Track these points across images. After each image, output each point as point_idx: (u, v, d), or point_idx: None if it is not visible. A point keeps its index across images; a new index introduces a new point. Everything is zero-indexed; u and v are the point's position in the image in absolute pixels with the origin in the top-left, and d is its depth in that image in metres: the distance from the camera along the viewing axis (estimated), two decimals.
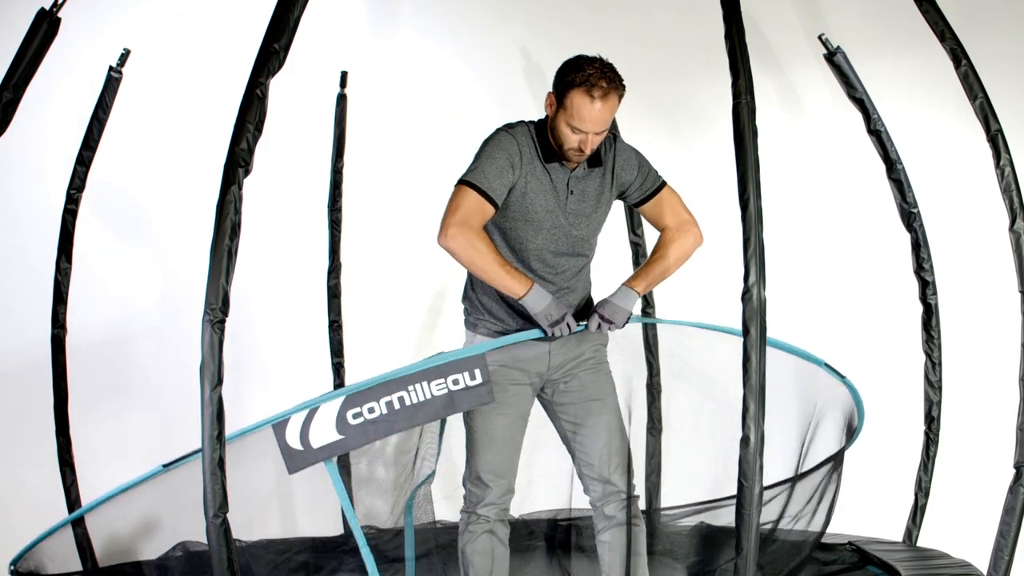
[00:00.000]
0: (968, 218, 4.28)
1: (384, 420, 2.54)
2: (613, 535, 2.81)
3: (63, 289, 3.47)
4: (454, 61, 4.45)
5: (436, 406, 2.58)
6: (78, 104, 3.69)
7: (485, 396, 2.61)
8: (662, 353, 3.62)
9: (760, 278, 2.20)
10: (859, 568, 3.37)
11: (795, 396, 3.16)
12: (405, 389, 2.54)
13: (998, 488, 2.96)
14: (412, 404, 2.55)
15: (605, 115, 2.52)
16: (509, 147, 2.60)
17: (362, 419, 2.52)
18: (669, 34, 4.48)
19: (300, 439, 2.49)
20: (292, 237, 4.41)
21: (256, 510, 3.27)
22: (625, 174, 2.75)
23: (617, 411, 2.85)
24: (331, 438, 2.51)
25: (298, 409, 2.50)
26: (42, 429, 3.63)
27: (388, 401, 2.54)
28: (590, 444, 2.81)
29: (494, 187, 2.55)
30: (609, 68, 2.54)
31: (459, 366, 2.58)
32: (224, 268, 2.19)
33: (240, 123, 2.23)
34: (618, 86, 2.54)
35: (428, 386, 2.57)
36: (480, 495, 2.80)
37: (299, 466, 2.51)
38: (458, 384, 2.58)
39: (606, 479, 2.80)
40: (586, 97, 2.50)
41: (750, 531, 2.23)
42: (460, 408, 2.61)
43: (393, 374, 2.55)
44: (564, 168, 2.66)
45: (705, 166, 4.16)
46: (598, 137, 2.57)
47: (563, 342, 2.77)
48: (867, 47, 4.13)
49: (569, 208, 2.68)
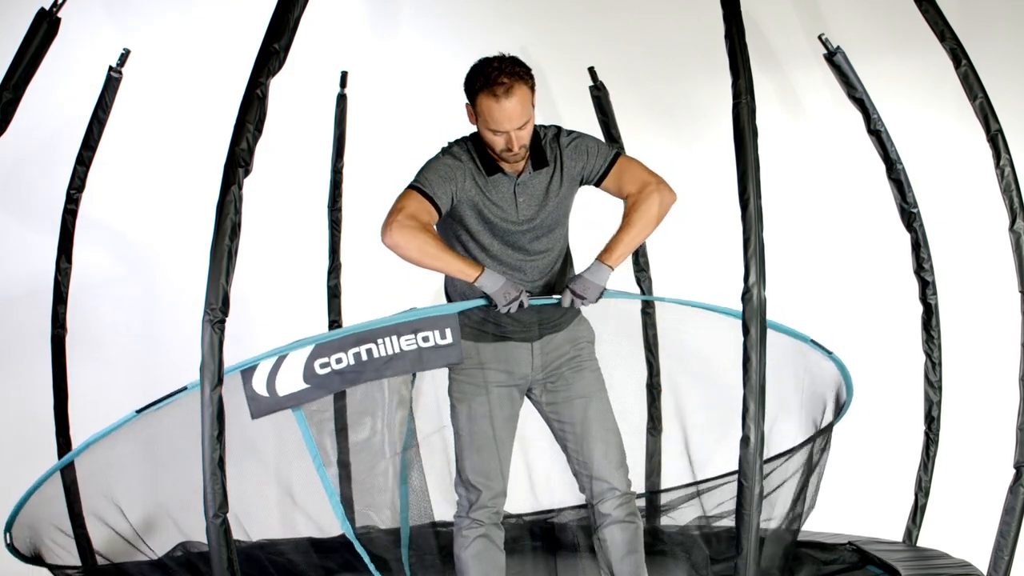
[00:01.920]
0: (968, 218, 4.28)
1: (351, 371, 2.52)
2: (610, 533, 2.81)
3: (63, 289, 3.47)
4: (454, 61, 4.43)
5: (404, 361, 2.55)
6: (78, 104, 3.69)
7: (454, 356, 2.58)
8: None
9: (760, 278, 2.20)
10: (859, 568, 3.37)
11: (790, 374, 3.16)
12: (374, 342, 2.52)
13: (998, 488, 2.96)
14: (380, 357, 2.53)
15: (517, 109, 2.52)
16: (450, 162, 2.64)
17: (329, 369, 2.50)
18: (669, 34, 4.48)
19: (266, 386, 2.49)
20: (292, 237, 4.41)
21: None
22: (573, 163, 2.72)
23: (608, 408, 2.84)
24: (297, 387, 2.50)
25: (266, 356, 2.48)
26: (42, 429, 3.63)
27: (356, 352, 2.51)
28: (582, 443, 2.80)
29: (437, 192, 2.58)
30: (510, 62, 2.55)
31: (430, 323, 2.56)
32: (224, 268, 2.19)
33: (240, 123, 2.23)
34: (522, 76, 2.54)
35: (398, 340, 2.54)
36: (471, 499, 2.79)
37: (263, 412, 2.50)
38: (428, 342, 2.56)
39: (601, 477, 2.79)
40: (491, 98, 2.51)
41: (750, 531, 2.23)
42: (428, 366, 2.59)
43: (363, 326, 2.53)
44: (509, 176, 2.66)
45: (705, 166, 4.17)
46: (523, 132, 2.56)
47: (547, 342, 2.77)
48: (867, 47, 4.12)
49: (521, 214, 2.68)
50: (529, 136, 2.60)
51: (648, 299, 3.57)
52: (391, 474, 3.14)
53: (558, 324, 2.80)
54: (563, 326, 2.81)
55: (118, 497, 3.08)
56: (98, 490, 3.07)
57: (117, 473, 3.03)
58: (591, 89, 3.86)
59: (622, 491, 2.80)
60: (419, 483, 3.13)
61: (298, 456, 2.86)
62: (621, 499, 2.80)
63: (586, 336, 2.86)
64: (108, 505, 3.08)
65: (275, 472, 3.29)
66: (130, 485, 3.11)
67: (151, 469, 3.09)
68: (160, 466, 3.07)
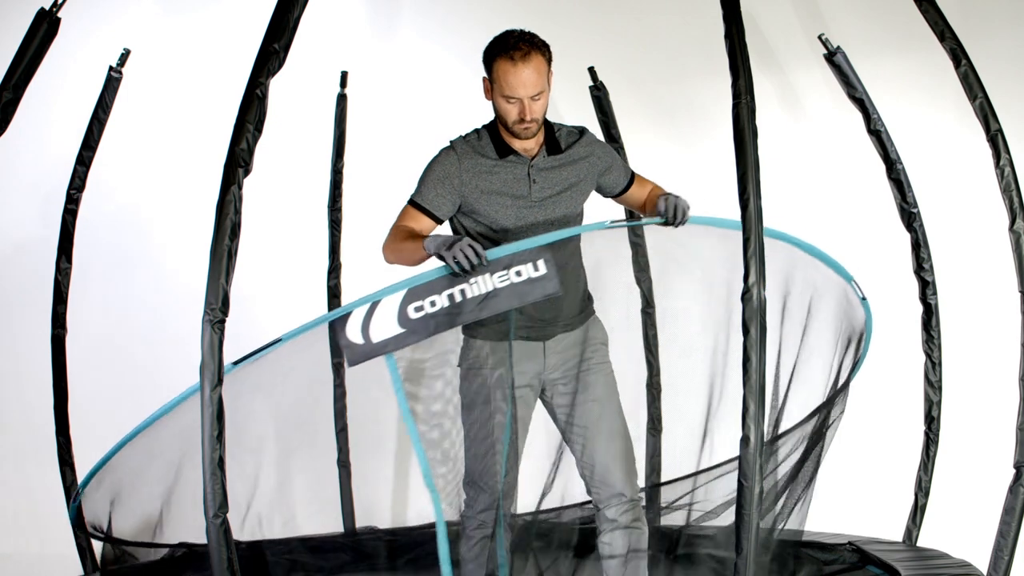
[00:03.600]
0: (968, 218, 4.28)
1: (446, 313, 2.50)
2: (614, 537, 2.79)
3: (63, 289, 3.47)
4: (454, 61, 4.45)
5: (501, 298, 2.52)
6: (78, 104, 3.69)
7: (551, 288, 2.53)
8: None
9: (760, 278, 2.20)
10: (859, 568, 3.37)
11: (834, 312, 3.13)
12: (467, 282, 2.50)
13: (998, 488, 2.96)
14: (475, 296, 2.50)
15: (532, 76, 2.57)
16: (444, 160, 2.68)
17: (423, 312, 2.48)
18: (669, 34, 4.48)
19: (361, 332, 2.47)
20: (292, 237, 4.41)
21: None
22: (598, 159, 2.77)
23: (619, 412, 2.82)
24: (392, 332, 2.47)
25: (359, 303, 2.48)
26: (42, 429, 3.63)
27: (450, 294, 2.49)
28: (591, 447, 2.78)
29: (428, 198, 2.66)
30: (528, 33, 2.61)
31: (521, 258, 2.53)
32: (224, 268, 2.19)
33: (240, 123, 2.23)
34: (539, 47, 2.60)
35: (491, 278, 2.51)
36: (477, 499, 2.79)
37: (358, 359, 2.48)
38: (521, 276, 2.52)
39: (608, 483, 2.77)
40: (508, 62, 2.56)
41: (750, 531, 2.23)
42: (528, 299, 2.54)
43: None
44: (522, 158, 2.69)
45: (705, 166, 4.17)
46: (536, 103, 2.59)
47: (559, 341, 2.75)
48: (867, 47, 4.13)
49: (534, 196, 2.69)
50: (543, 111, 2.63)
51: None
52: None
53: (570, 323, 2.77)
54: (575, 325, 2.78)
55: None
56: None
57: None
58: (591, 89, 3.86)
59: (628, 497, 2.78)
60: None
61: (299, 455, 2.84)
62: (627, 505, 2.77)
63: (599, 337, 2.84)
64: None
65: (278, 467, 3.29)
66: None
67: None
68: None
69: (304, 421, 3.59)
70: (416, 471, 3.14)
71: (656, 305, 3.68)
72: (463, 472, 2.84)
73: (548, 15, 4.45)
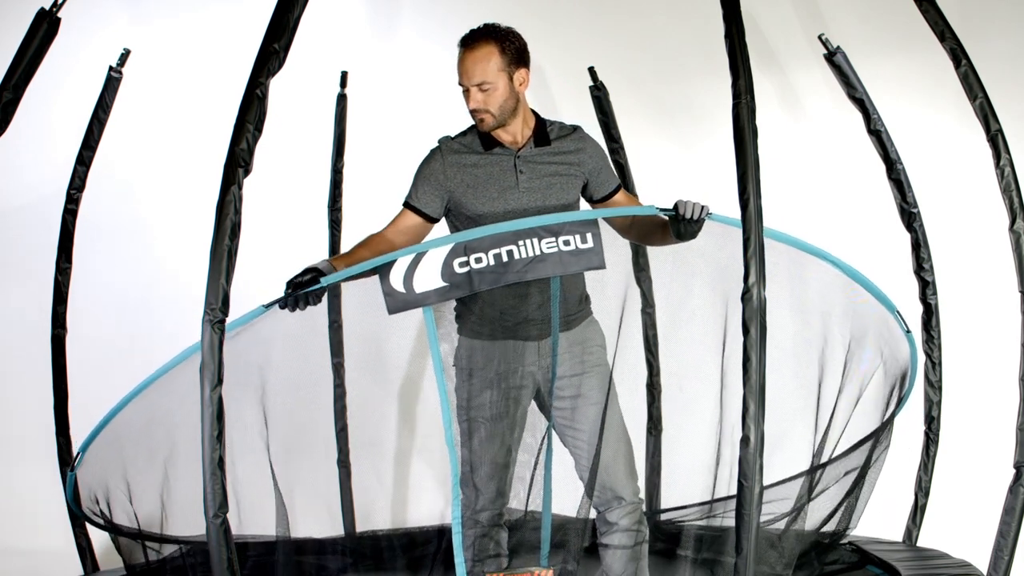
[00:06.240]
0: (968, 218, 4.27)
1: (490, 271, 2.50)
2: (614, 540, 2.79)
3: (63, 289, 3.47)
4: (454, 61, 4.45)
5: (546, 264, 2.53)
6: (78, 104, 3.69)
7: (595, 261, 2.55)
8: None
9: (760, 278, 2.20)
10: (859, 568, 3.37)
11: (874, 338, 3.12)
12: (515, 243, 2.50)
13: (998, 488, 2.97)
14: (521, 259, 2.51)
15: (475, 66, 2.63)
16: (430, 159, 2.75)
17: (468, 268, 2.49)
18: (669, 34, 4.47)
19: (403, 282, 2.48)
20: (292, 237, 4.40)
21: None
22: (588, 156, 2.79)
23: (619, 415, 2.82)
24: (435, 284, 2.49)
25: (404, 253, 2.48)
26: (42, 429, 3.63)
27: (496, 253, 2.50)
28: (590, 450, 2.77)
29: (416, 198, 2.73)
30: (492, 26, 2.68)
31: (571, 228, 2.54)
32: (224, 268, 2.20)
33: (240, 123, 2.23)
34: (491, 37, 2.64)
35: (539, 243, 2.52)
36: (474, 499, 2.79)
37: (399, 308, 2.50)
38: (568, 245, 2.53)
39: (608, 486, 2.77)
40: (460, 50, 2.67)
41: (750, 531, 2.23)
42: (571, 269, 2.56)
43: (503, 227, 2.51)
44: (508, 150, 2.72)
45: (705, 166, 4.16)
46: (483, 94, 2.64)
47: (556, 341, 2.76)
48: (867, 47, 4.13)
49: (523, 185, 2.71)
50: (495, 104, 2.65)
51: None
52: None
53: (566, 323, 2.77)
54: (572, 325, 2.78)
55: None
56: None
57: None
58: (591, 89, 3.86)
59: (628, 500, 2.78)
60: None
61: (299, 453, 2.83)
62: (628, 508, 2.77)
63: (597, 340, 2.83)
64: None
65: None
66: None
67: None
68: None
69: (304, 421, 3.59)
70: (416, 471, 3.14)
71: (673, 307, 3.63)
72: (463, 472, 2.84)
73: (548, 15, 4.45)
